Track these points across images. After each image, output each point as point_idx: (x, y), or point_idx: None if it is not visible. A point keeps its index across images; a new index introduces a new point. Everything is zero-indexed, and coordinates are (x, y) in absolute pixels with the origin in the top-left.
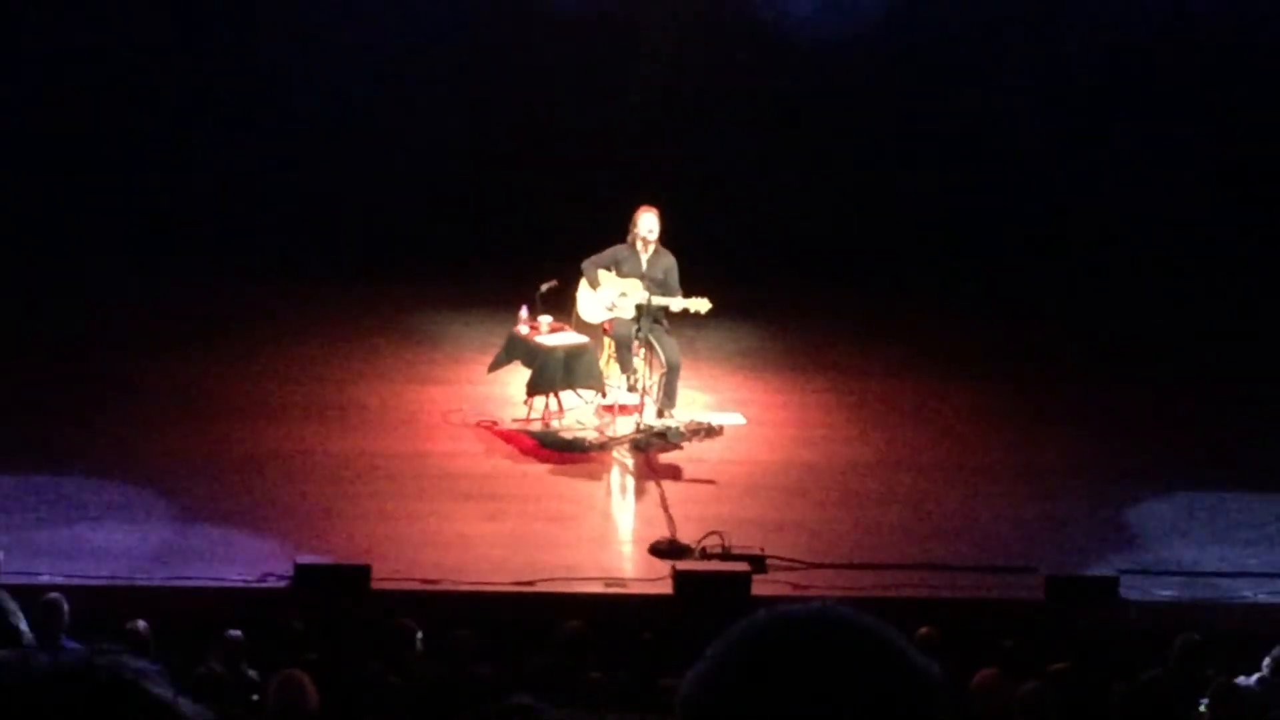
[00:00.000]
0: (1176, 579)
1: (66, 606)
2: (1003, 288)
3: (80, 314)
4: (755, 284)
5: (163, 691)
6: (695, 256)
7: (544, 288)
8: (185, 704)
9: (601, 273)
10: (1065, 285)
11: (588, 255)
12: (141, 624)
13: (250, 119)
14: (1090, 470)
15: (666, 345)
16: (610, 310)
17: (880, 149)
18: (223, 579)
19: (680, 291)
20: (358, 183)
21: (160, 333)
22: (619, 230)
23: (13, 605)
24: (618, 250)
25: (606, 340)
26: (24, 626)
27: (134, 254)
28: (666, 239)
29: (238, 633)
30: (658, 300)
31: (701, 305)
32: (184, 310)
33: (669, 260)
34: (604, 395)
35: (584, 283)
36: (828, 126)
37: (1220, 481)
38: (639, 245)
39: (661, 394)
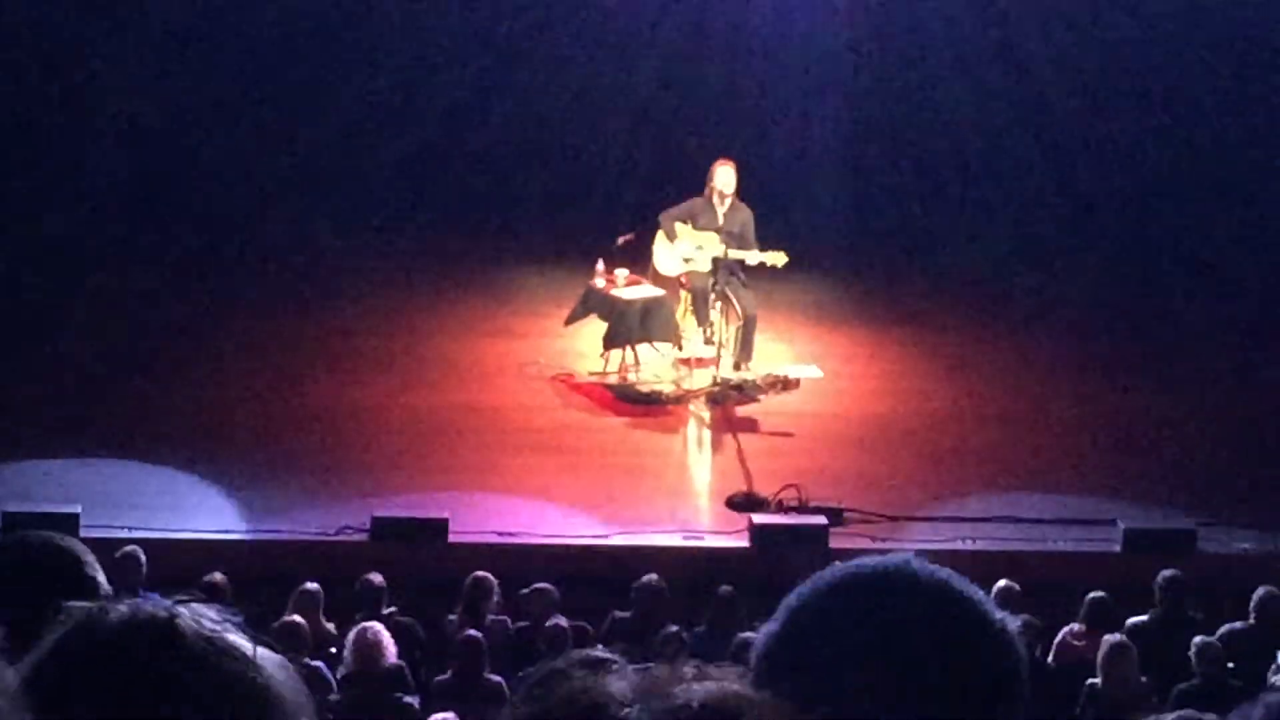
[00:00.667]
0: (1254, 531)
1: (144, 558)
2: (1085, 240)
3: (156, 268)
4: (832, 237)
5: (242, 641)
6: (772, 210)
7: (620, 241)
8: (264, 654)
9: (679, 225)
10: (1151, 238)
11: (665, 208)
12: (219, 576)
13: (325, 65)
14: (1169, 423)
15: (743, 298)
16: (687, 263)
17: (959, 102)
18: (301, 533)
19: (757, 245)
20: (437, 135)
21: (237, 287)
22: (697, 184)
23: (90, 558)
24: (694, 203)
25: (683, 293)
26: (102, 579)
27: (212, 205)
28: (743, 193)
29: (315, 586)
30: (734, 253)
31: (778, 259)
32: (262, 264)
33: (745, 214)
34: (680, 348)
35: (660, 236)
36: (905, 81)
37: None
38: (715, 199)
39: (738, 347)
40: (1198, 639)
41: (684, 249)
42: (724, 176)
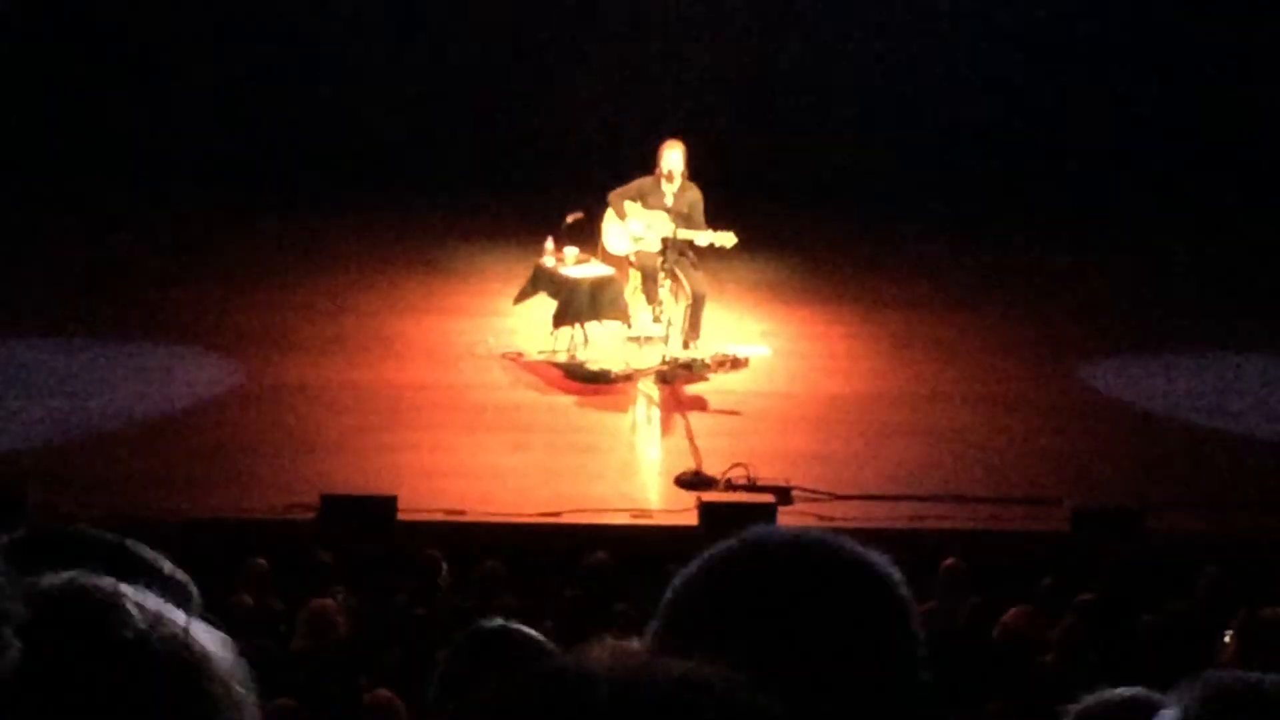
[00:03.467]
0: (1202, 510)
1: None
2: (1027, 221)
3: (103, 242)
4: (781, 217)
5: (178, 616)
6: (721, 189)
7: (570, 219)
8: (202, 630)
9: (628, 204)
10: (1088, 218)
11: (614, 187)
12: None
13: (270, 46)
14: (1112, 401)
15: (692, 277)
16: (636, 242)
17: (902, 83)
18: (248, 510)
19: (706, 225)
20: (382, 112)
21: (184, 264)
22: (646, 163)
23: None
24: (643, 183)
25: (632, 272)
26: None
27: (161, 184)
28: (692, 172)
29: (263, 563)
30: (684, 233)
31: (727, 239)
32: (209, 242)
33: (694, 194)
34: (630, 327)
35: (609, 214)
36: (854, 61)
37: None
38: (664, 179)
39: (687, 325)
40: (1144, 618)
41: (633, 228)
42: (672, 157)
